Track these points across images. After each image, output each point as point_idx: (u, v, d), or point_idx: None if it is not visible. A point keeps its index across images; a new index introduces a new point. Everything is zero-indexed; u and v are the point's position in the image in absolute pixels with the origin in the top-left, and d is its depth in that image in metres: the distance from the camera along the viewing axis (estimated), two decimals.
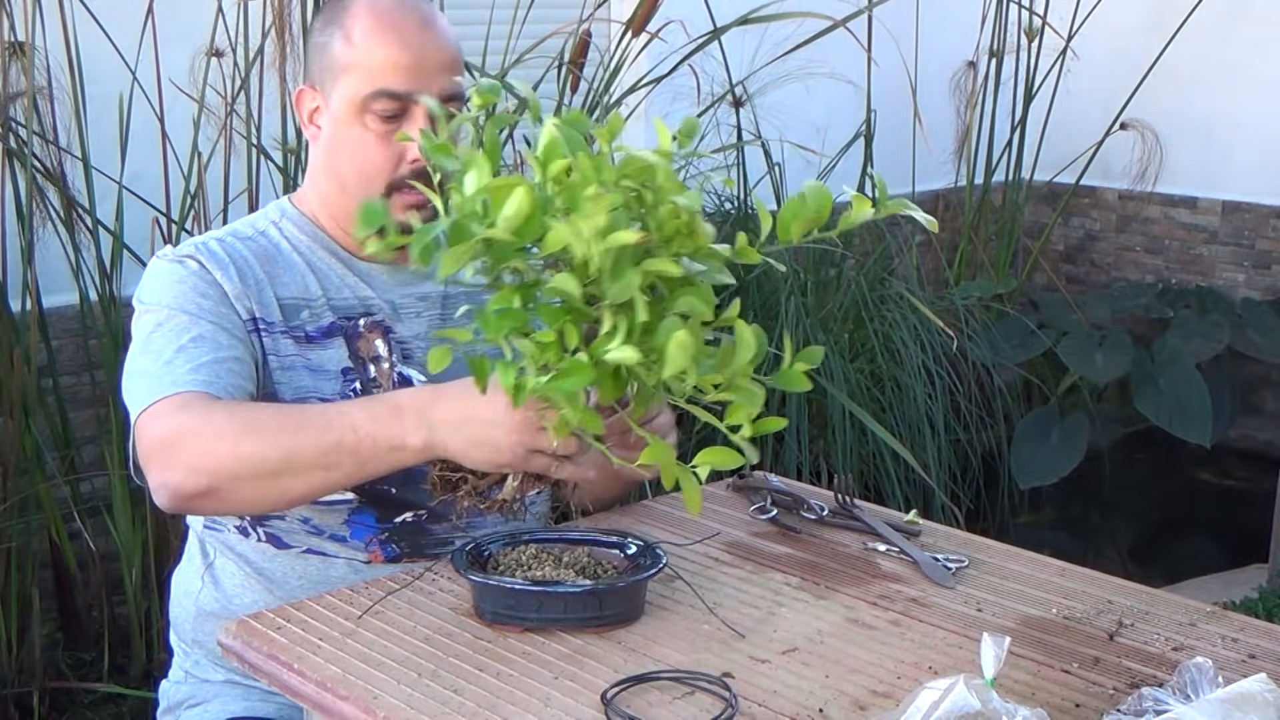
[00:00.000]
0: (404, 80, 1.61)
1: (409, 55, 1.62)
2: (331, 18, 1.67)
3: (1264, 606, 3.43)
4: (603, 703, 1.25)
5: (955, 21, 4.66)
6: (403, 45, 1.62)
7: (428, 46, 1.64)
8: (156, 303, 1.60)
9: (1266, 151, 4.97)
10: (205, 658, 1.71)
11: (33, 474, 2.87)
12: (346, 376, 1.66)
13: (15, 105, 2.80)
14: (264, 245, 1.68)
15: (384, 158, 1.63)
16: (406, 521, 1.67)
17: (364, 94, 1.61)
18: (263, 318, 1.63)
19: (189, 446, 1.48)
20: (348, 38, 1.63)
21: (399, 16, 1.64)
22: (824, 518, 1.72)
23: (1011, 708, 1.10)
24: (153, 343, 1.57)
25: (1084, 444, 4.39)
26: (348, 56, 1.63)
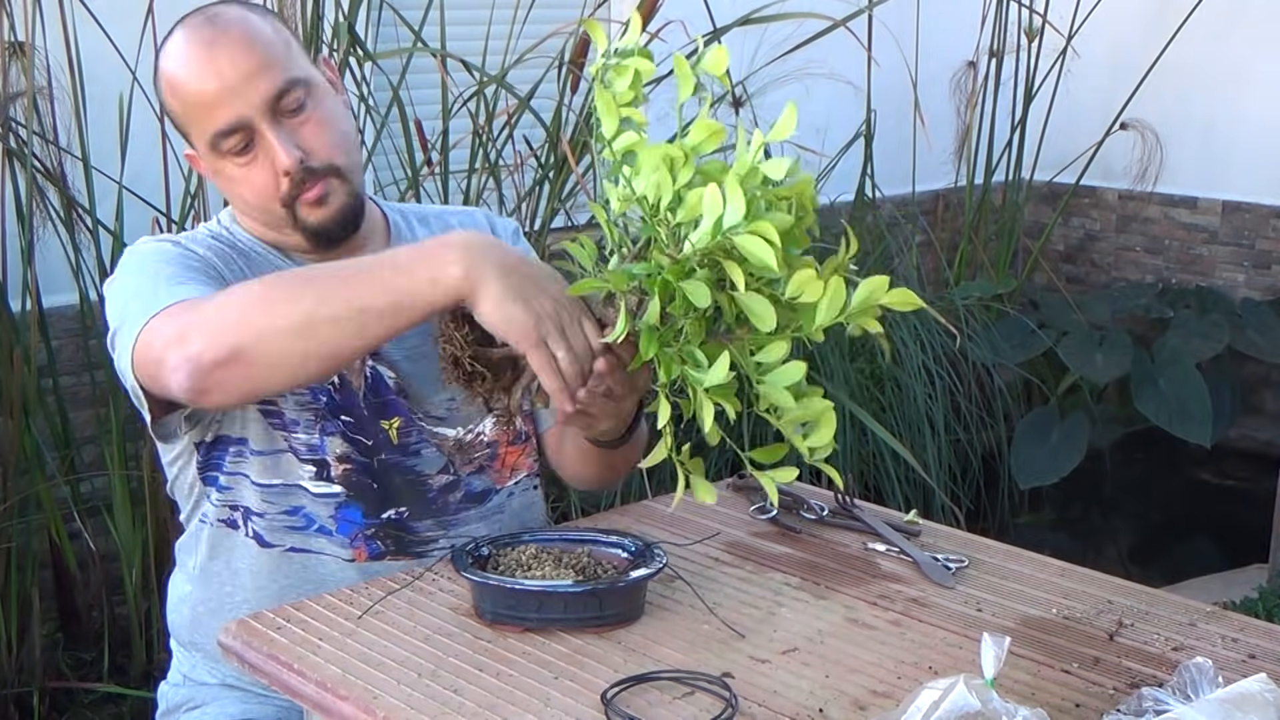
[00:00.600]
0: (224, 114, 1.56)
1: (210, 88, 1.56)
2: (157, 77, 1.64)
3: (1264, 606, 3.43)
4: (603, 703, 1.25)
5: (955, 21, 4.66)
6: (201, 81, 1.56)
7: (224, 69, 1.55)
8: (136, 269, 1.56)
9: (1266, 151, 4.97)
10: (202, 661, 1.71)
11: (33, 474, 2.87)
12: None
13: (15, 105, 2.80)
14: (219, 247, 1.65)
15: (263, 182, 1.59)
16: (390, 519, 1.66)
17: (205, 143, 1.59)
18: None
19: (207, 314, 1.43)
20: (167, 95, 1.61)
21: (188, 52, 1.58)
22: (824, 518, 1.72)
23: (1011, 708, 1.10)
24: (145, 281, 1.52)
25: (1084, 444, 4.40)
26: (177, 115, 1.61)
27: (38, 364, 2.91)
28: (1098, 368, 4.49)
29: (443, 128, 3.05)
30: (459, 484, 1.70)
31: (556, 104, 3.21)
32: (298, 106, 1.58)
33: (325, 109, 1.61)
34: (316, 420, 1.63)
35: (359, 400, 1.64)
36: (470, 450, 1.71)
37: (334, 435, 1.63)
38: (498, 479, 1.74)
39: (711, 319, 1.33)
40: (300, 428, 1.62)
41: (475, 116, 3.11)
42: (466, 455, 1.71)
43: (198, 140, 1.61)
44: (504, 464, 1.74)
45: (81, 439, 3.09)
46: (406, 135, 3.08)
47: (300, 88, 1.58)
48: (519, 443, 1.75)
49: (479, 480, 1.72)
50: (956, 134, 4.79)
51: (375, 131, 3.08)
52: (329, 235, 1.62)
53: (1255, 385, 5.06)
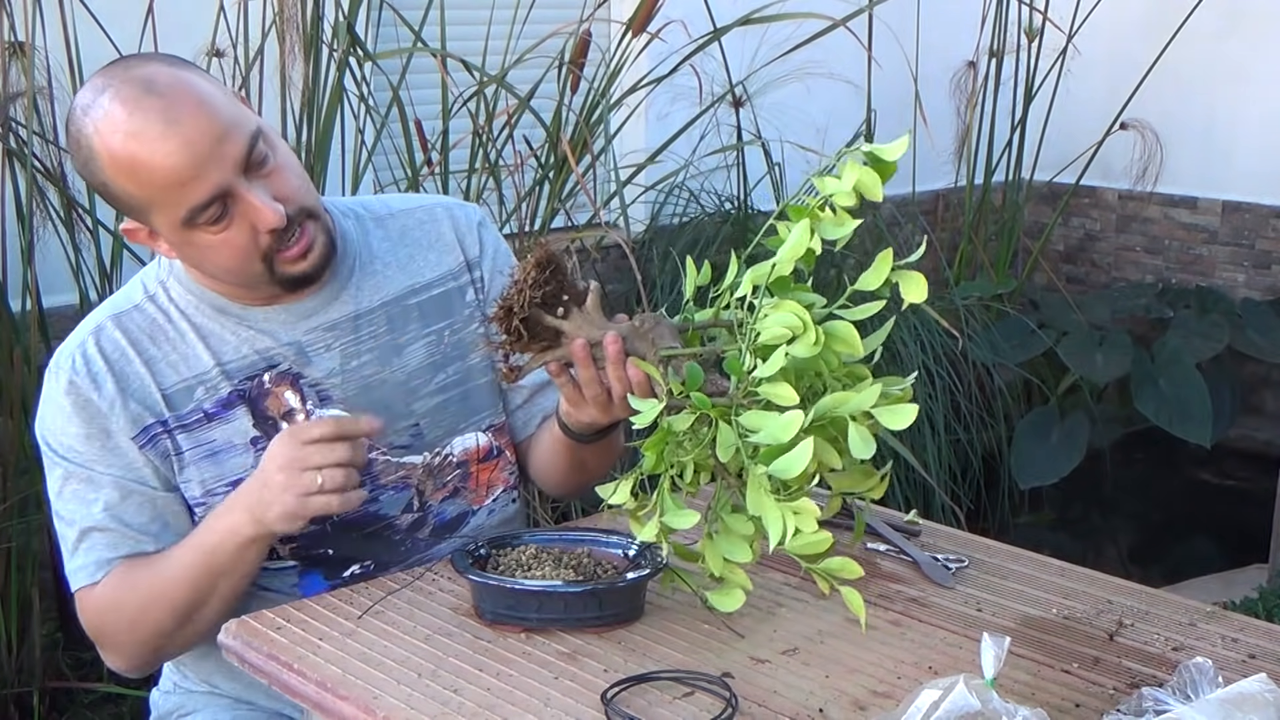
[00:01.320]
0: (199, 188, 1.45)
1: (183, 164, 1.44)
2: (87, 160, 1.48)
3: (1264, 606, 3.43)
4: (602, 703, 1.25)
5: (955, 21, 4.66)
6: (170, 158, 1.43)
7: (193, 140, 1.44)
8: (54, 451, 1.57)
9: (1266, 151, 4.97)
10: (190, 671, 1.71)
11: (33, 474, 2.87)
12: (256, 445, 1.58)
13: (15, 105, 2.80)
14: (150, 316, 1.59)
15: (242, 244, 1.50)
16: (355, 574, 1.62)
17: (178, 221, 1.47)
18: (156, 420, 1.56)
19: (115, 637, 1.58)
20: (118, 179, 1.46)
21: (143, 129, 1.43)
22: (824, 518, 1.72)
23: (1011, 708, 1.10)
24: (62, 508, 1.58)
25: (1084, 444, 4.39)
26: (134, 197, 1.47)
27: (38, 364, 2.90)
28: (1098, 368, 4.48)
29: (443, 128, 3.05)
30: (426, 519, 1.66)
31: (556, 104, 3.21)
32: (263, 159, 1.49)
33: (281, 152, 1.53)
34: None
35: None
36: (441, 474, 1.66)
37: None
38: (474, 499, 1.69)
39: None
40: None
41: (475, 116, 3.11)
42: (438, 480, 1.66)
43: (163, 218, 1.48)
44: (478, 482, 1.69)
45: None
46: (406, 135, 3.08)
47: (259, 139, 1.49)
48: (491, 459, 1.70)
49: (452, 505, 1.67)
50: (956, 134, 4.79)
51: (375, 131, 3.08)
52: (310, 280, 1.57)
53: (1255, 385, 5.06)
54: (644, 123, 4.16)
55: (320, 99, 2.93)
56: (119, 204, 1.51)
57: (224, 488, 1.57)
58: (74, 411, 1.55)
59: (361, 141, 3.06)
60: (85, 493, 1.56)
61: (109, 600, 1.56)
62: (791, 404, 1.26)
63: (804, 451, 1.24)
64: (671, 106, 3.81)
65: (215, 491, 1.57)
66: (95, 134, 1.45)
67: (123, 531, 1.56)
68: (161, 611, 1.54)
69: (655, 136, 3.92)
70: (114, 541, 1.56)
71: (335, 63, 2.94)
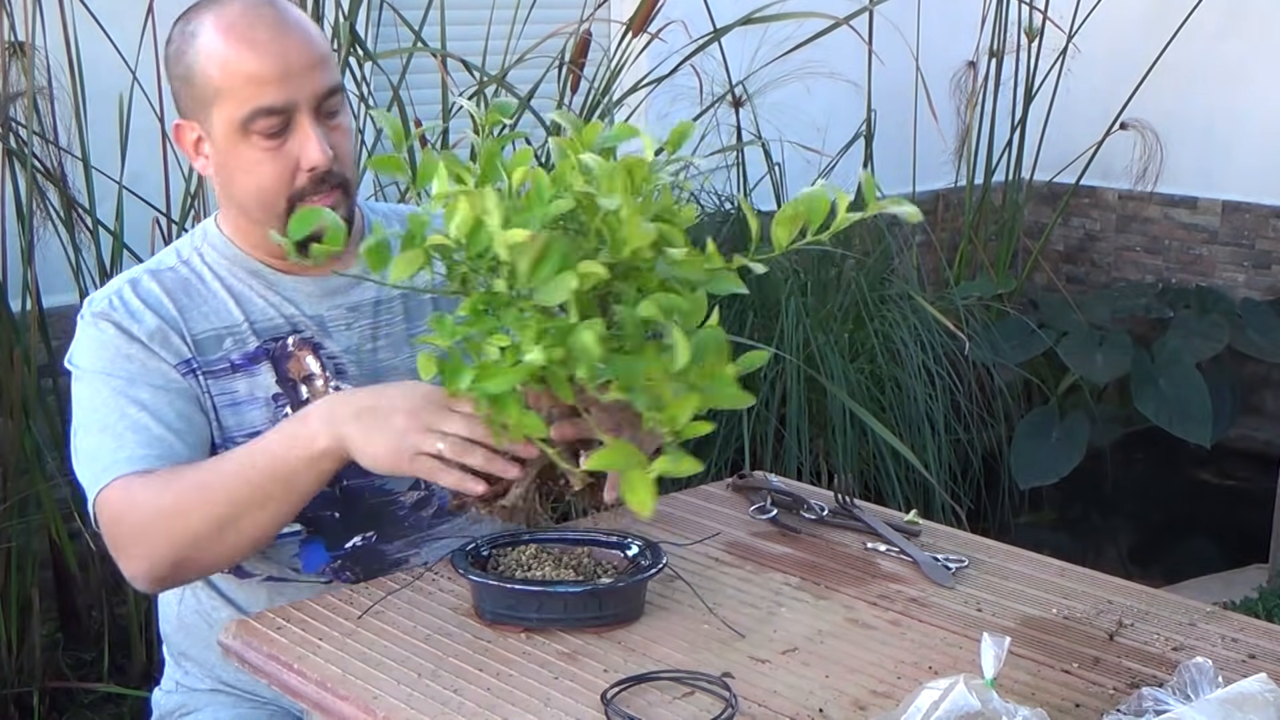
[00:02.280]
0: (275, 93, 1.53)
1: (272, 66, 1.54)
2: (184, 46, 1.58)
3: (1264, 606, 3.43)
4: (602, 703, 1.25)
5: (955, 21, 4.66)
6: (262, 58, 1.53)
7: (289, 52, 1.55)
8: (87, 368, 1.58)
9: (1266, 151, 4.97)
10: (193, 668, 1.71)
11: (33, 474, 2.87)
12: (277, 402, 1.62)
13: (15, 105, 2.80)
14: (182, 276, 1.64)
15: (278, 172, 1.57)
16: (357, 546, 1.65)
17: (240, 117, 1.54)
18: (191, 357, 1.60)
19: (139, 530, 1.50)
20: (206, 64, 1.55)
21: (251, 27, 1.55)
22: (824, 518, 1.72)
23: (1011, 708, 1.10)
24: (91, 420, 1.56)
25: (1084, 444, 4.39)
26: (212, 83, 1.55)
27: (38, 364, 2.90)
28: (1098, 368, 4.49)
29: (443, 128, 3.05)
30: (431, 499, 1.67)
31: (556, 104, 3.21)
32: (334, 111, 1.59)
33: (347, 120, 1.62)
34: None
35: None
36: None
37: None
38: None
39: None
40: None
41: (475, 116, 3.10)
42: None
43: (224, 115, 1.55)
44: None
45: None
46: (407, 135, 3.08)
47: (340, 94, 1.60)
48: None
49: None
50: (956, 134, 4.79)
51: (375, 131, 3.08)
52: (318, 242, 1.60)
53: (1255, 385, 5.06)
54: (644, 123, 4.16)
55: None
56: (191, 92, 1.57)
57: (241, 437, 1.59)
58: (113, 337, 1.58)
59: (362, 141, 3.06)
60: (119, 397, 1.55)
61: (138, 498, 1.50)
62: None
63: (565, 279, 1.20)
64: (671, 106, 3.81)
65: (233, 439, 1.59)
66: (206, 20, 1.56)
67: (155, 429, 1.53)
68: (200, 514, 1.47)
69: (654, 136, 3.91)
70: (147, 439, 1.53)
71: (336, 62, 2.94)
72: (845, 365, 3.72)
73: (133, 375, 1.56)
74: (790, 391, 3.62)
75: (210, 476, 1.49)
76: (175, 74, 1.60)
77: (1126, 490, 4.65)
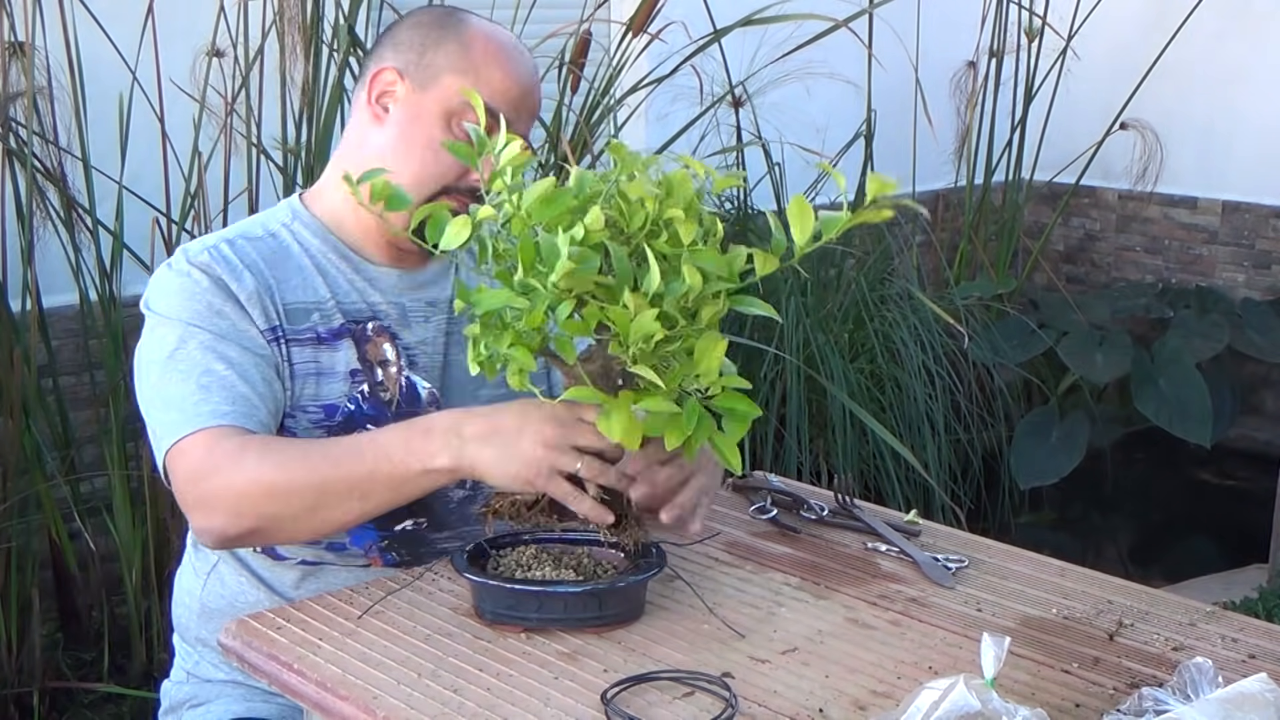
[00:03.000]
0: (507, 106, 1.60)
1: (518, 88, 1.64)
2: (447, 23, 1.66)
3: (1264, 606, 3.43)
4: (602, 703, 1.25)
5: (955, 21, 4.67)
6: (516, 77, 1.65)
7: (533, 93, 1.68)
8: (175, 317, 1.58)
9: (1266, 151, 4.97)
10: (210, 655, 1.71)
11: (33, 474, 2.87)
12: (354, 378, 1.65)
13: (15, 105, 2.80)
14: (273, 247, 1.66)
15: (450, 163, 1.61)
16: (406, 529, 1.66)
17: (449, 104, 1.62)
18: (279, 324, 1.62)
19: (226, 491, 1.48)
20: (466, 47, 1.63)
21: (517, 53, 1.68)
22: (824, 518, 1.72)
23: (1011, 708, 1.10)
24: (174, 368, 1.55)
25: (1084, 444, 4.40)
26: (462, 62, 1.63)
27: (38, 364, 2.90)
28: (1098, 368, 4.49)
29: None
30: (476, 497, 1.69)
31: (556, 104, 3.21)
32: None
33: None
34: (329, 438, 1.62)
35: (388, 413, 1.65)
36: None
37: None
38: None
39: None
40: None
41: None
42: None
43: (447, 93, 1.61)
44: None
45: (81, 439, 3.08)
46: None
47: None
48: None
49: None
50: (956, 134, 4.79)
51: None
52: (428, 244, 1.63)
53: (1255, 385, 5.06)
54: (644, 123, 4.16)
55: (320, 99, 2.93)
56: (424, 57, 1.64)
57: (315, 408, 1.62)
58: (208, 290, 1.58)
59: None
60: (206, 351, 1.55)
61: (229, 459, 1.49)
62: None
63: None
64: (671, 106, 3.81)
65: (305, 409, 1.61)
66: (476, 23, 1.67)
67: (240, 387, 1.53)
68: (299, 495, 1.47)
69: (655, 136, 3.92)
70: (232, 397, 1.53)
71: (335, 63, 2.94)
72: (845, 365, 3.72)
73: (223, 332, 1.57)
74: (790, 391, 3.63)
75: (318, 461, 1.49)
76: (414, 36, 1.65)
77: (1126, 490, 4.65)
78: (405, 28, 1.69)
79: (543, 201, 1.28)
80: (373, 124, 1.66)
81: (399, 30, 1.69)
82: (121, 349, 2.95)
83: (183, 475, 1.51)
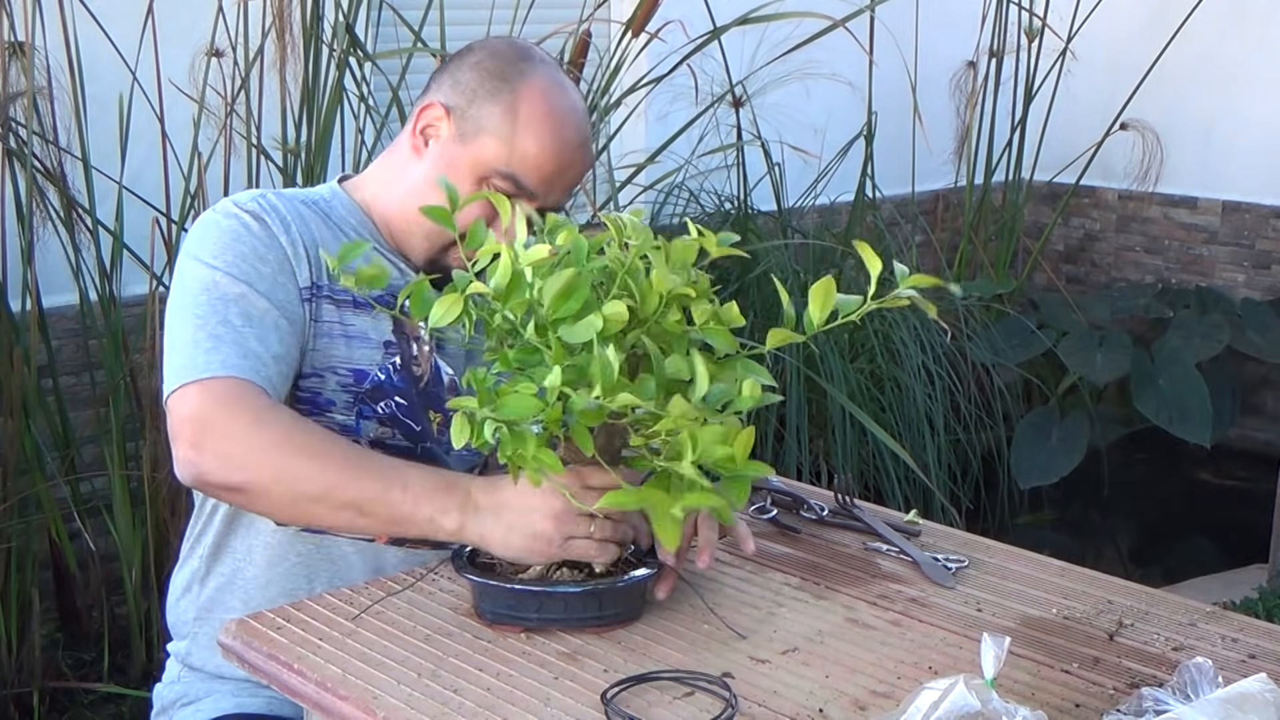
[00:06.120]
0: (538, 183, 1.60)
1: (557, 166, 1.61)
2: (505, 72, 1.62)
3: (1264, 606, 3.43)
4: (602, 703, 1.25)
5: (955, 21, 4.67)
6: (558, 155, 1.61)
7: (574, 166, 1.64)
8: (211, 260, 1.55)
9: (1266, 151, 4.97)
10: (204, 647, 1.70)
11: (33, 474, 2.87)
12: (388, 349, 1.64)
13: (15, 105, 2.80)
14: (322, 210, 1.66)
15: (469, 220, 1.56)
16: None
17: (498, 169, 1.60)
18: (316, 281, 1.60)
19: (230, 444, 1.46)
20: (514, 109, 1.60)
21: (567, 123, 1.62)
22: (824, 518, 1.72)
23: (1011, 708, 1.10)
24: (200, 307, 1.52)
25: (1084, 444, 4.40)
26: (505, 126, 1.60)
27: (38, 364, 2.91)
28: (1098, 368, 4.49)
29: None
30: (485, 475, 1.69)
31: None
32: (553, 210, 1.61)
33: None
34: (355, 403, 1.62)
35: (415, 388, 1.65)
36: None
37: (370, 420, 1.62)
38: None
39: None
40: (336, 409, 1.61)
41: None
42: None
43: (488, 153, 1.60)
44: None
45: (81, 439, 3.08)
46: None
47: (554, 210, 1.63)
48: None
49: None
50: (956, 134, 4.79)
51: (375, 131, 3.08)
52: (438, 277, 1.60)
53: (1255, 385, 5.06)
54: (644, 123, 4.16)
55: (320, 99, 2.94)
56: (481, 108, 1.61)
57: (346, 370, 1.60)
58: (256, 234, 1.57)
59: (361, 141, 3.06)
60: (236, 301, 1.52)
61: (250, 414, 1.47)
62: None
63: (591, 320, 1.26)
64: (671, 106, 3.82)
65: (335, 370, 1.60)
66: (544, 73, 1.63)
67: (252, 346, 1.51)
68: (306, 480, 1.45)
69: (655, 136, 3.92)
70: (244, 352, 1.50)
71: (335, 63, 2.94)
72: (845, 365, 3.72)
73: (259, 281, 1.54)
74: (790, 391, 3.63)
75: (342, 455, 1.47)
76: (476, 80, 1.62)
77: (1126, 490, 4.65)
78: (468, 67, 1.65)
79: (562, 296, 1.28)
80: (413, 155, 1.66)
81: (464, 65, 1.65)
82: (121, 349, 2.95)
83: (186, 411, 1.47)
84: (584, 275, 1.29)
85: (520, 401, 1.28)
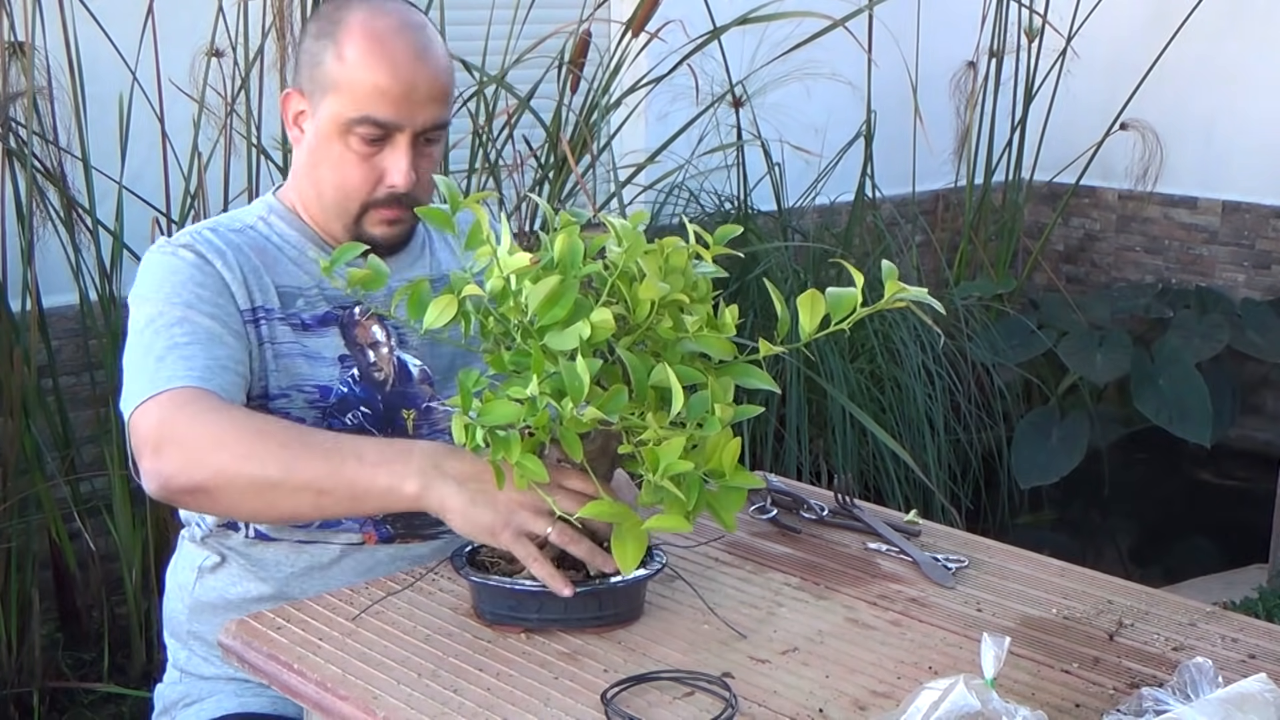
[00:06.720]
0: (390, 110, 1.60)
1: (398, 85, 1.60)
2: (326, 28, 1.64)
3: (1264, 606, 3.43)
4: (602, 703, 1.25)
5: (955, 21, 4.67)
6: (393, 74, 1.60)
7: (418, 77, 1.61)
8: (153, 295, 1.59)
9: (1266, 151, 4.97)
10: (201, 650, 1.71)
11: (33, 474, 2.87)
12: (344, 363, 1.66)
13: (15, 105, 2.80)
14: (254, 238, 1.68)
15: (363, 178, 1.63)
16: None
17: (349, 116, 1.61)
18: (263, 305, 1.63)
19: (188, 443, 1.47)
20: (340, 55, 1.61)
21: (394, 42, 1.61)
22: (824, 518, 1.72)
23: (1011, 708, 1.10)
24: (147, 336, 1.56)
25: (1084, 444, 4.39)
26: (338, 74, 1.61)
27: (38, 364, 2.91)
28: (1098, 368, 4.48)
29: None
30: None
31: (556, 104, 3.21)
32: (433, 140, 1.65)
33: (439, 152, 1.69)
34: (324, 418, 1.63)
35: (381, 393, 1.66)
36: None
37: (340, 430, 1.63)
38: None
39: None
40: (307, 425, 1.61)
41: (475, 116, 3.11)
42: None
43: (337, 107, 1.61)
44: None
45: (81, 439, 3.09)
46: None
47: (446, 129, 1.69)
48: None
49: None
50: (956, 134, 4.79)
51: None
52: (378, 249, 1.62)
53: (1255, 385, 5.06)
54: (644, 123, 4.16)
55: None
56: (315, 72, 1.63)
57: (311, 387, 1.63)
58: (191, 264, 1.60)
59: None
60: (179, 323, 1.55)
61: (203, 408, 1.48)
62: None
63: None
64: (671, 106, 3.81)
65: (301, 388, 1.63)
66: (357, 15, 1.62)
67: (202, 358, 1.53)
68: (260, 465, 1.44)
69: (655, 136, 3.92)
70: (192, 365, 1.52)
71: None
72: (845, 365, 3.72)
73: (200, 304, 1.57)
74: (790, 391, 3.63)
75: (293, 437, 1.47)
76: (307, 47, 1.65)
77: (1126, 490, 4.65)
78: (303, 39, 1.68)
79: (548, 303, 1.28)
80: (296, 145, 1.70)
81: (300, 45, 1.69)
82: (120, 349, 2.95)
83: (145, 428, 1.49)
84: (569, 282, 1.29)
85: (503, 408, 1.29)
